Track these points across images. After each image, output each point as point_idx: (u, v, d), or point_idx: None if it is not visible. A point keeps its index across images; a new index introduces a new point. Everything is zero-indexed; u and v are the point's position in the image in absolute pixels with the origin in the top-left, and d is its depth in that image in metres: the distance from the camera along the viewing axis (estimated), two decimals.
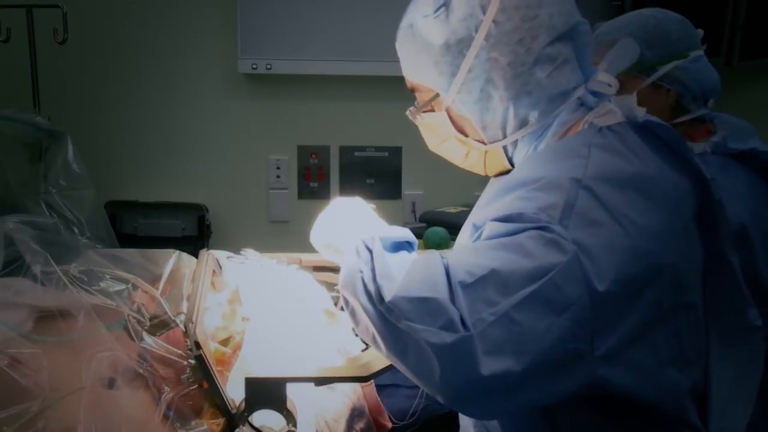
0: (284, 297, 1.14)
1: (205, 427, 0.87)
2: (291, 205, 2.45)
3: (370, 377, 0.94)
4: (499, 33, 0.83)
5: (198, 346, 0.89)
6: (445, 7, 0.85)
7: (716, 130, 1.37)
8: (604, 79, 0.88)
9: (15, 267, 0.98)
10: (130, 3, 2.30)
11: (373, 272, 0.76)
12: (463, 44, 0.84)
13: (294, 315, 1.10)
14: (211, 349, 0.97)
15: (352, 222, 0.94)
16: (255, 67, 2.26)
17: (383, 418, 1.13)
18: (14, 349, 0.85)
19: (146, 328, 0.94)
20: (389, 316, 0.72)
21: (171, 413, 0.88)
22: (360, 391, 1.11)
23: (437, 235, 1.80)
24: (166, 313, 0.96)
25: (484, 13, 0.83)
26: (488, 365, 0.67)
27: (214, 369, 0.91)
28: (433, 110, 0.92)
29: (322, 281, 1.23)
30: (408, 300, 0.71)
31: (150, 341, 0.92)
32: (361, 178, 2.45)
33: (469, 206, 1.00)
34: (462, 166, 0.97)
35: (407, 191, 2.46)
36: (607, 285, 0.69)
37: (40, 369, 0.84)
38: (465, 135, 0.91)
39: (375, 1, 2.22)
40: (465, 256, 0.74)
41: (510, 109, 0.86)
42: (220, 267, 1.22)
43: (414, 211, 2.41)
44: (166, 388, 0.90)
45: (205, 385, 0.90)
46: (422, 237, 1.83)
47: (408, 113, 0.95)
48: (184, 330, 0.93)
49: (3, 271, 0.98)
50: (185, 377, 0.91)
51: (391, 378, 1.14)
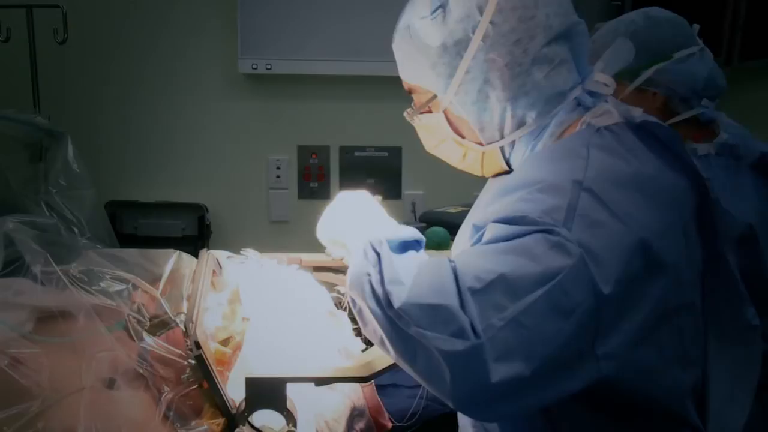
0: (284, 297, 1.14)
1: (205, 427, 0.87)
2: (291, 205, 2.45)
3: (370, 377, 0.94)
4: (496, 34, 0.83)
5: (198, 346, 0.89)
6: (442, 8, 0.85)
7: (720, 131, 1.36)
8: (601, 79, 0.88)
9: (15, 267, 0.99)
10: (130, 3, 2.30)
11: (381, 275, 0.76)
12: (461, 45, 0.84)
13: (294, 315, 1.10)
14: (211, 349, 0.97)
15: (358, 217, 0.94)
16: (255, 67, 2.26)
17: (383, 418, 1.13)
18: (14, 350, 0.86)
19: (146, 328, 0.94)
20: (398, 322, 0.72)
21: (171, 413, 0.88)
22: (360, 391, 1.11)
23: (437, 235, 1.79)
24: (166, 313, 0.96)
25: (481, 15, 0.83)
26: (498, 371, 0.67)
27: (214, 369, 0.91)
28: (430, 111, 0.92)
29: (322, 281, 1.23)
30: (418, 307, 0.71)
31: (150, 341, 0.92)
32: (361, 178, 2.44)
33: (469, 206, 1.00)
34: (459, 167, 0.97)
35: (407, 191, 2.46)
36: (612, 286, 0.69)
37: (40, 369, 0.84)
38: (462, 136, 0.91)
39: (375, 1, 2.22)
40: (472, 260, 0.73)
41: (507, 110, 0.85)
42: (220, 267, 1.22)
43: (414, 211, 2.40)
44: (166, 388, 0.90)
45: (205, 385, 0.90)
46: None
47: (405, 114, 0.95)
48: (184, 330, 0.93)
49: (3, 271, 0.99)
50: (185, 377, 0.91)
51: (391, 378, 1.14)
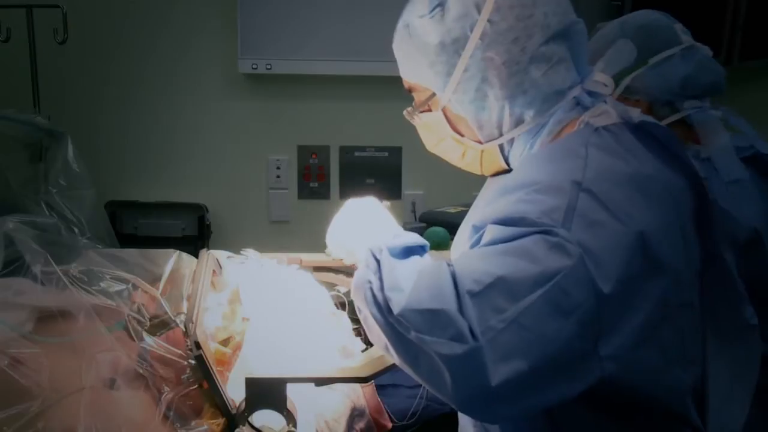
0: (284, 297, 1.14)
1: (205, 427, 0.87)
2: (291, 205, 2.45)
3: (370, 377, 0.94)
4: (494, 32, 0.83)
5: (198, 346, 0.89)
6: (440, 7, 0.85)
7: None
8: (600, 79, 0.88)
9: (15, 267, 0.99)
10: (130, 3, 2.29)
11: (381, 282, 0.77)
12: (459, 44, 0.85)
13: (294, 315, 1.10)
14: (211, 349, 0.97)
15: (366, 224, 0.95)
16: (255, 67, 2.26)
17: (383, 418, 1.13)
18: (14, 350, 0.86)
19: (146, 328, 0.94)
20: (399, 327, 0.73)
21: (171, 413, 0.88)
22: (360, 391, 1.11)
23: (437, 235, 1.79)
24: (166, 313, 0.96)
25: (479, 13, 0.83)
26: (499, 373, 0.67)
27: (214, 369, 0.91)
28: (430, 110, 0.92)
29: (322, 281, 1.23)
30: (417, 312, 0.72)
31: (150, 341, 0.92)
32: (361, 178, 2.44)
33: (468, 206, 1.00)
34: (459, 166, 0.98)
35: (407, 191, 2.46)
36: (612, 286, 0.69)
37: (40, 369, 0.84)
38: (461, 134, 0.91)
39: (375, 1, 2.22)
40: (471, 263, 0.74)
41: (505, 108, 0.86)
42: (220, 267, 1.22)
43: (414, 211, 2.40)
44: (166, 388, 0.90)
45: (205, 385, 0.90)
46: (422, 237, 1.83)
47: (405, 113, 0.96)
48: (184, 330, 0.93)
49: (3, 271, 0.99)
50: (185, 377, 0.91)
51: (391, 378, 1.14)
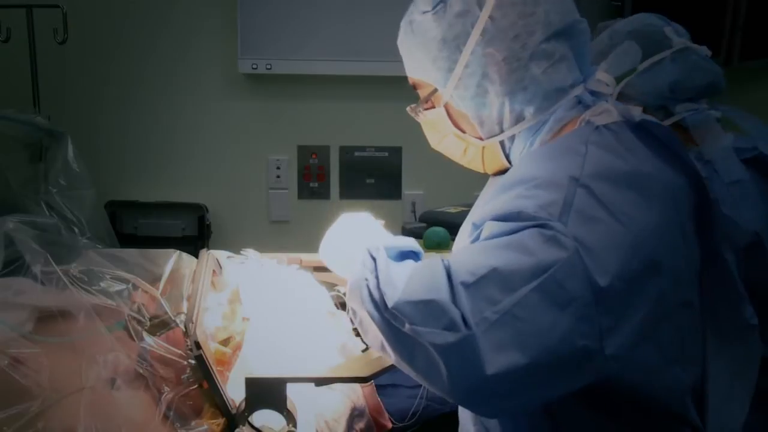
0: (284, 297, 1.14)
1: (205, 427, 0.87)
2: (291, 205, 2.45)
3: (370, 377, 0.94)
4: (495, 29, 0.83)
5: (198, 346, 0.89)
6: (443, 3, 0.86)
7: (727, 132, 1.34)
8: (603, 79, 0.88)
9: (15, 267, 0.99)
10: (130, 3, 2.30)
11: (377, 280, 0.77)
12: (460, 40, 0.85)
13: (294, 315, 1.10)
14: (211, 349, 0.97)
15: (360, 237, 0.95)
16: (255, 67, 2.26)
17: (383, 418, 1.13)
18: (15, 350, 0.86)
19: (146, 328, 0.94)
20: (394, 322, 0.73)
21: (171, 413, 0.88)
22: (360, 391, 1.11)
23: (437, 235, 1.79)
24: (166, 313, 0.96)
25: (481, 9, 0.84)
26: (494, 363, 0.67)
27: (214, 369, 0.91)
28: (433, 107, 0.92)
29: (322, 281, 1.23)
30: (411, 304, 0.72)
31: (150, 341, 0.92)
32: (361, 178, 2.44)
33: (469, 206, 1.00)
34: (461, 163, 0.98)
35: (407, 191, 2.46)
36: (610, 280, 0.69)
37: (40, 369, 0.84)
38: (463, 131, 0.91)
39: (375, 1, 2.22)
40: (466, 256, 0.74)
41: (506, 104, 0.86)
42: (220, 267, 1.22)
43: (414, 211, 2.40)
44: (166, 388, 0.90)
45: (205, 385, 0.90)
46: (422, 237, 1.83)
47: (409, 110, 0.96)
48: (184, 330, 0.93)
49: (3, 271, 0.99)
50: (185, 377, 0.91)
51: (391, 378, 1.14)
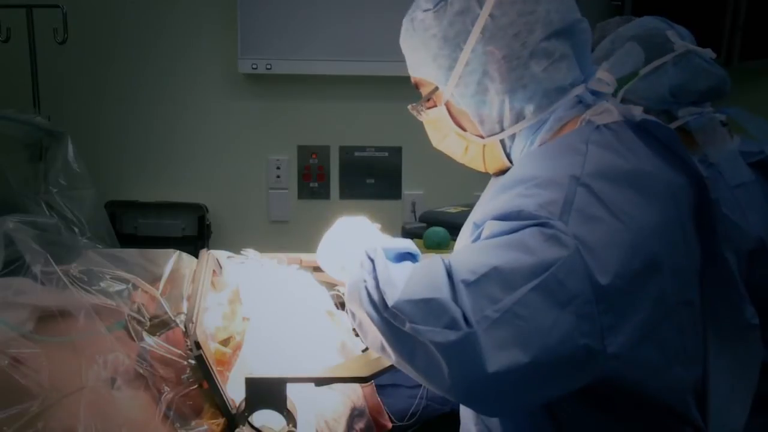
0: (284, 297, 1.14)
1: (205, 427, 0.87)
2: (291, 205, 2.45)
3: (370, 377, 0.94)
4: (495, 27, 0.84)
5: (198, 346, 0.89)
6: (444, 1, 0.86)
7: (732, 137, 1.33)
8: (604, 78, 0.88)
9: (15, 267, 0.98)
10: (130, 3, 2.30)
11: (376, 280, 0.77)
12: (460, 38, 0.85)
13: (294, 315, 1.10)
14: (211, 349, 0.97)
15: (357, 241, 0.95)
16: (255, 67, 2.26)
17: (383, 418, 1.13)
18: (15, 349, 0.86)
19: (146, 328, 0.94)
20: (394, 321, 0.73)
21: (171, 413, 0.88)
22: (360, 391, 1.11)
23: (437, 235, 1.80)
24: (166, 313, 0.96)
25: (481, 8, 0.84)
26: (495, 361, 0.67)
27: (214, 369, 0.91)
28: (434, 106, 0.93)
29: (322, 281, 1.23)
30: (411, 303, 0.72)
31: (150, 341, 0.92)
32: (361, 178, 2.45)
33: (469, 206, 1.00)
34: (463, 162, 0.98)
35: (407, 191, 2.46)
36: (610, 279, 0.69)
37: (40, 369, 0.84)
38: (464, 129, 0.92)
39: (375, 1, 2.22)
40: (467, 255, 0.74)
41: (506, 103, 0.86)
42: (220, 267, 1.22)
43: (414, 211, 2.41)
44: (166, 388, 0.90)
45: (205, 385, 0.90)
46: (422, 237, 1.83)
47: (410, 108, 0.96)
48: (184, 330, 0.93)
49: (3, 271, 0.98)
50: (185, 377, 0.91)
51: (391, 378, 1.14)
